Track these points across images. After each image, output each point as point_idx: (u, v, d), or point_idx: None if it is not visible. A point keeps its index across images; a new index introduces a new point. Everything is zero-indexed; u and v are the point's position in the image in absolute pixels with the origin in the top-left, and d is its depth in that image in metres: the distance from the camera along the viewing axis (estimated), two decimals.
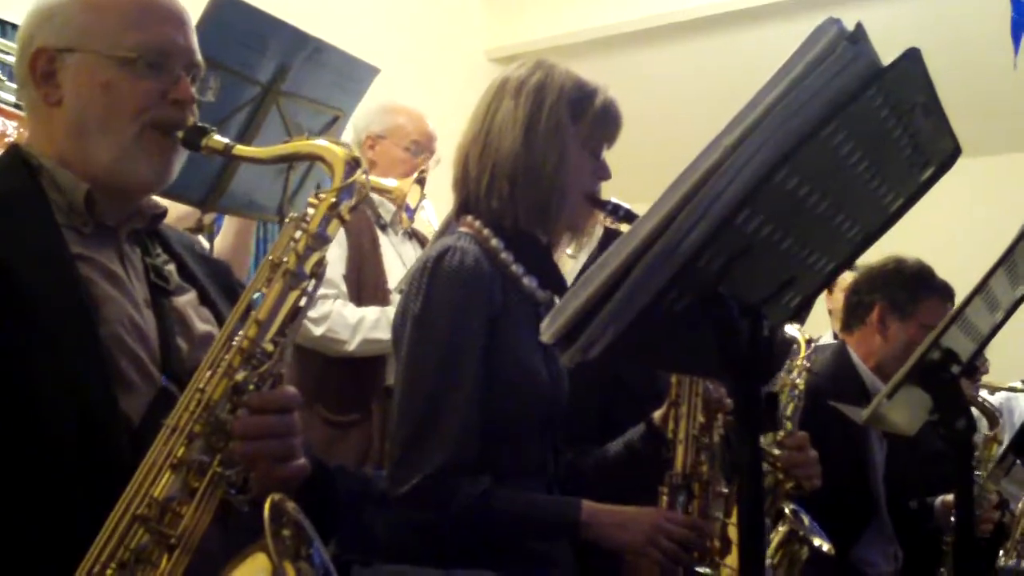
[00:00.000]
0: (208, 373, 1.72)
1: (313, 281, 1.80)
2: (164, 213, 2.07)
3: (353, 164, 1.85)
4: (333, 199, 1.82)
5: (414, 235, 4.41)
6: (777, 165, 1.36)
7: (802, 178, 1.46)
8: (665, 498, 2.52)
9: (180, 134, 1.92)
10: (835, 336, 5.05)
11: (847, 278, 4.63)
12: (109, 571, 1.60)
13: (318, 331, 4.02)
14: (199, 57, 2.01)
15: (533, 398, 2.53)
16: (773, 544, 2.86)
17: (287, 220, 1.82)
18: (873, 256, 4.13)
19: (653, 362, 1.92)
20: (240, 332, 1.74)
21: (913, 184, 1.73)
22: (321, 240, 1.80)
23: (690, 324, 1.53)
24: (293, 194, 3.00)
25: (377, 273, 4.14)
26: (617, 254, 1.36)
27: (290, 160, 1.98)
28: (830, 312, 6.11)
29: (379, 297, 4.08)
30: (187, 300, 2.02)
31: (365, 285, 4.13)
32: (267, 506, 1.57)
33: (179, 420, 1.69)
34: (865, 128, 1.51)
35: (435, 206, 4.28)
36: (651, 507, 2.48)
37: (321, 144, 1.89)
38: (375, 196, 4.26)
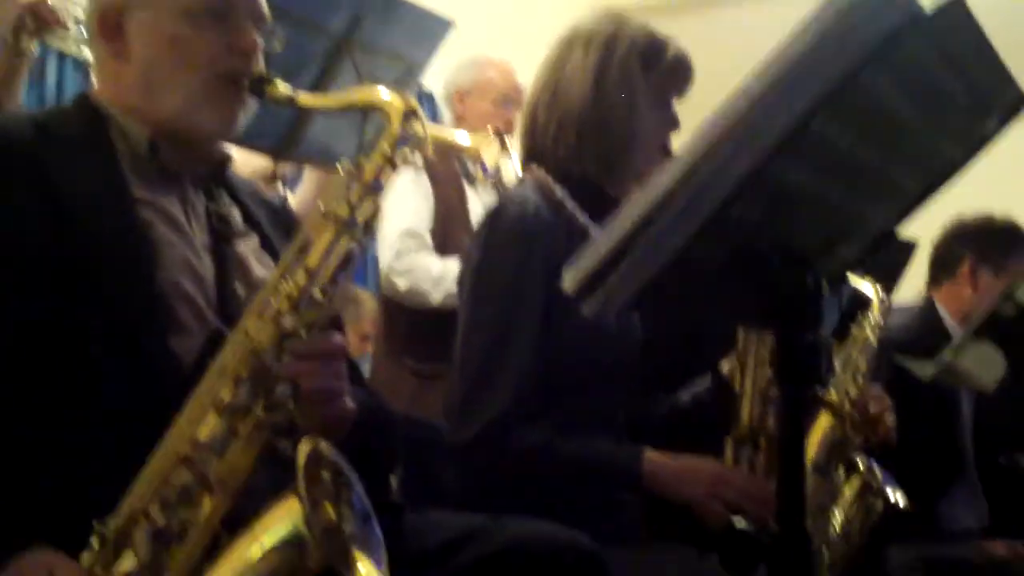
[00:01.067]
0: (255, 318, 1.74)
1: (367, 230, 1.81)
2: (229, 159, 2.10)
3: (410, 114, 1.86)
4: (387, 150, 1.83)
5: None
6: (812, 111, 1.33)
7: (846, 126, 1.43)
8: (730, 452, 2.49)
9: (245, 83, 1.95)
10: None
11: None
12: (152, 509, 1.63)
13: (403, 284, 4.05)
14: (264, 8, 2.03)
15: (599, 347, 2.51)
16: (847, 496, 2.82)
17: (341, 168, 1.83)
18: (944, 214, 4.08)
19: (691, 315, 1.90)
20: (289, 279, 1.76)
21: (976, 134, 1.68)
22: (374, 190, 1.81)
23: (730, 276, 1.52)
24: (370, 145, 3.00)
25: (464, 227, 4.13)
26: (641, 201, 1.34)
27: (350, 109, 1.99)
28: None
29: (465, 251, 4.08)
30: (249, 246, 2.05)
31: (451, 239, 4.14)
32: (301, 450, 1.59)
33: (225, 363, 1.71)
34: (913, 76, 1.47)
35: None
36: (714, 461, 2.45)
37: (379, 93, 1.90)
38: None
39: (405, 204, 4.16)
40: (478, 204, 4.23)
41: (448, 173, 4.21)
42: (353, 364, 2.19)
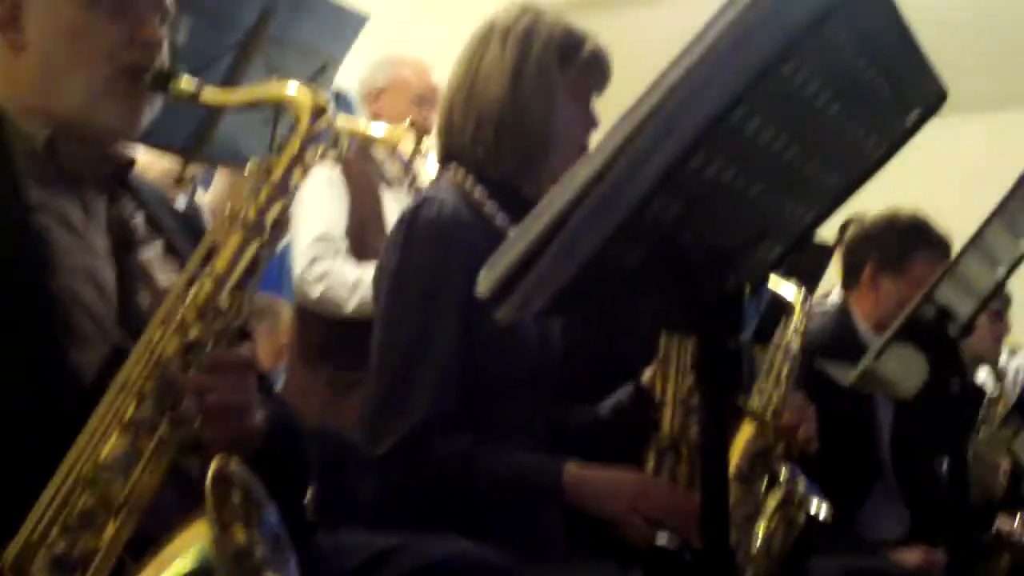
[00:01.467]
0: (160, 328, 1.65)
1: (276, 231, 1.73)
2: (132, 162, 2.00)
3: (319, 110, 1.78)
4: (296, 149, 1.75)
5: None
6: (730, 102, 1.26)
7: (764, 119, 1.37)
8: (651, 463, 2.43)
9: (148, 78, 1.85)
10: None
11: None
12: (52, 535, 1.53)
13: (316, 291, 3.96)
14: None
15: (518, 354, 2.44)
16: (769, 508, 2.77)
17: (247, 169, 1.75)
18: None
19: (611, 319, 1.83)
20: (195, 286, 1.67)
21: (897, 130, 1.63)
22: (283, 191, 1.73)
23: (649, 278, 1.45)
24: (281, 144, 2.90)
25: (379, 231, 4.04)
26: (555, 200, 1.27)
27: (256, 105, 1.90)
28: None
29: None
30: (153, 253, 1.95)
31: (367, 243, 4.05)
32: (210, 470, 1.50)
33: (128, 377, 1.62)
34: (832, 67, 1.41)
35: None
36: (636, 472, 2.38)
37: (287, 88, 1.81)
38: (380, 152, 4.19)
39: (318, 207, 4.07)
40: (394, 206, 4.13)
41: (363, 174, 4.13)
42: (263, 376, 2.11)
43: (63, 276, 1.75)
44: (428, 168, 4.09)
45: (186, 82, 1.84)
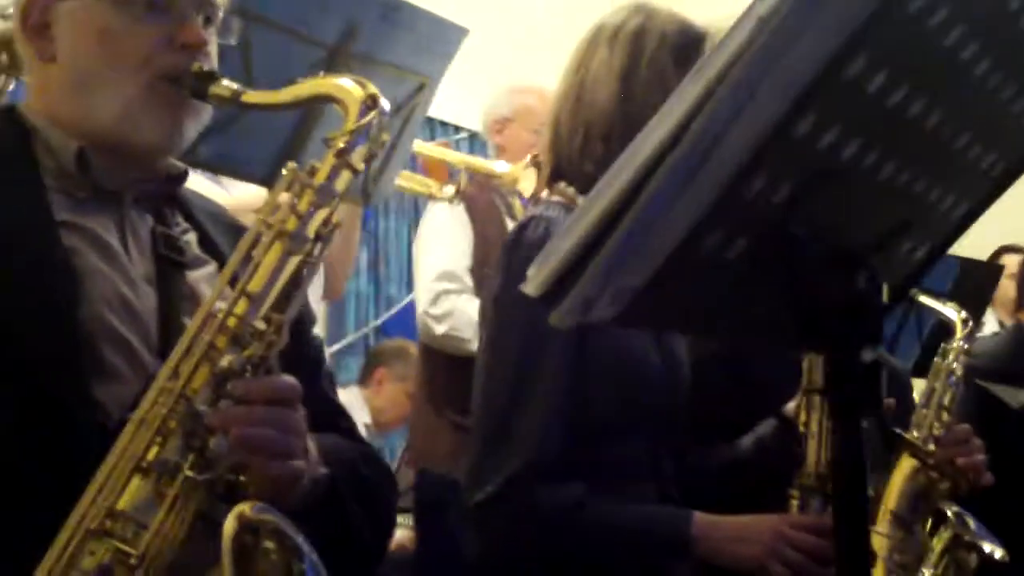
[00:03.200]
0: (185, 356, 1.44)
1: (319, 244, 1.51)
2: (183, 175, 1.81)
3: (370, 103, 1.54)
4: (341, 144, 1.52)
5: None
6: (842, 50, 1.00)
7: (892, 74, 1.10)
8: (795, 502, 2.14)
9: (187, 83, 1.66)
10: (1001, 326, 4.60)
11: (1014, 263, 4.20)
12: None
13: (440, 329, 3.81)
14: None
15: (639, 387, 2.18)
16: (936, 551, 2.46)
17: (284, 172, 1.53)
18: None
19: (701, 330, 1.54)
20: (224, 307, 1.46)
21: None
22: (328, 195, 1.51)
23: (756, 276, 1.19)
24: (379, 172, 2.70)
25: None
26: (621, 173, 1.01)
27: (303, 103, 1.67)
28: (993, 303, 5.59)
29: None
30: (203, 274, 1.74)
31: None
32: (229, 519, 1.28)
33: (147, 412, 1.41)
34: (986, 19, 1.14)
35: None
36: (775, 514, 2.10)
37: (335, 82, 1.59)
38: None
39: (441, 243, 3.95)
40: None
41: (487, 207, 3.95)
42: (339, 410, 1.89)
43: (91, 304, 1.56)
44: None
45: (224, 86, 1.65)
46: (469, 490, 2.07)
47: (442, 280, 3.85)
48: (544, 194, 2.37)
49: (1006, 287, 4.54)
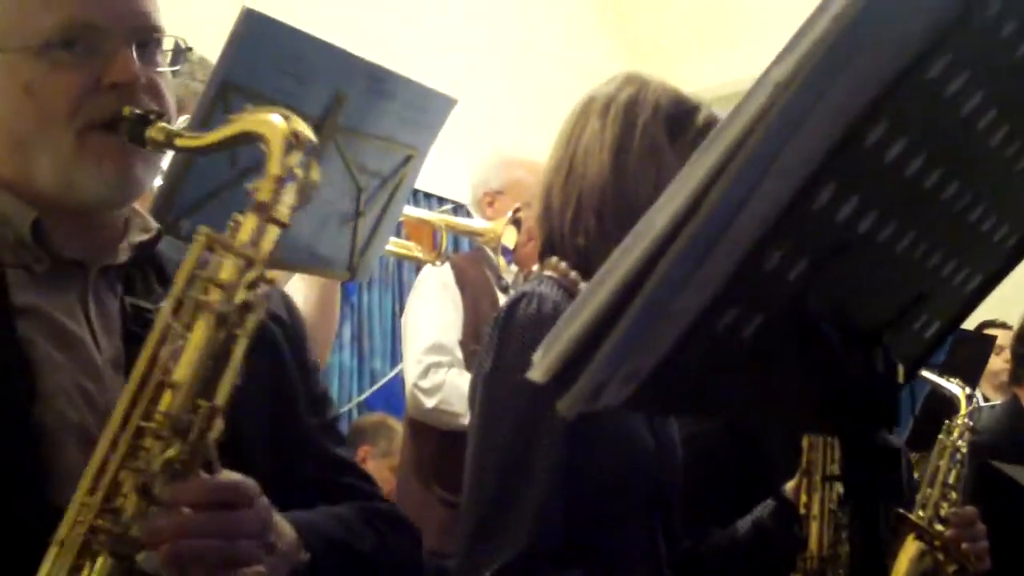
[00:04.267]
0: (102, 465, 1.31)
1: (249, 315, 1.34)
2: (156, 238, 1.66)
3: (295, 141, 1.38)
4: (265, 196, 1.35)
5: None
6: (861, 117, 0.94)
7: (910, 143, 1.04)
8: None
9: (123, 127, 1.50)
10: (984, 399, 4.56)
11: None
12: None
13: (430, 403, 3.72)
14: (148, 19, 1.58)
15: (634, 470, 2.10)
16: None
17: (198, 236, 1.36)
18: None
19: (715, 412, 1.46)
20: (142, 403, 1.32)
21: None
22: (253, 257, 1.34)
23: (770, 356, 1.12)
24: (364, 245, 2.62)
25: None
26: (627, 252, 0.94)
27: (231, 144, 1.47)
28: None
29: None
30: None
31: None
32: None
33: (68, 532, 1.28)
34: (998, 76, 1.09)
35: None
36: None
37: (260, 118, 1.41)
38: (492, 255, 3.95)
39: (430, 315, 3.87)
40: None
41: (478, 278, 3.89)
42: (352, 470, 1.79)
43: (49, 400, 1.44)
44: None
45: (160, 127, 1.49)
46: None
47: (432, 353, 3.78)
48: (535, 269, 2.31)
49: (992, 362, 4.51)
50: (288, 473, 1.59)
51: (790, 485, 2.23)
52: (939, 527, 2.37)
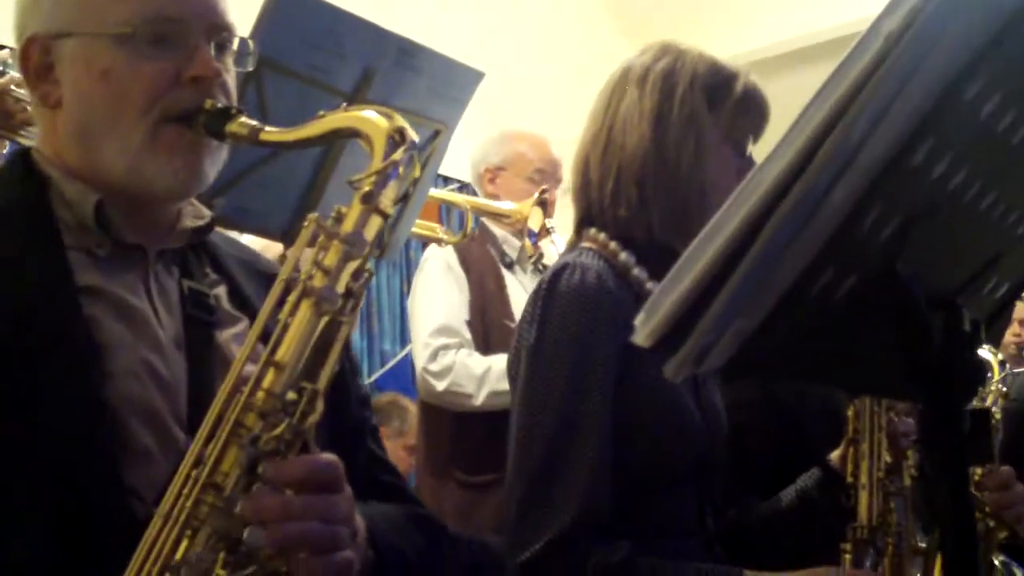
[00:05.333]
0: (209, 439, 1.31)
1: (351, 301, 1.37)
2: (210, 225, 1.68)
3: (398, 138, 1.42)
4: (368, 187, 1.39)
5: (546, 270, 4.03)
6: (965, 68, 0.92)
7: (1004, 98, 1.02)
8: (848, 556, 2.06)
9: (200, 120, 1.52)
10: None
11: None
12: None
13: (441, 386, 3.66)
14: (224, 17, 1.60)
15: (680, 442, 2.08)
16: None
17: (305, 223, 1.40)
18: None
19: (803, 377, 1.44)
20: (251, 379, 1.33)
21: None
22: (357, 244, 1.37)
23: (854, 319, 1.10)
24: (393, 223, 2.61)
25: (505, 316, 3.76)
26: (733, 212, 0.92)
27: (325, 140, 1.54)
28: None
29: (508, 343, 3.67)
30: (234, 333, 1.61)
31: (492, 331, 3.77)
32: None
33: (173, 504, 1.28)
34: None
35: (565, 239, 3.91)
36: (831, 567, 2.01)
37: (358, 115, 1.46)
38: (498, 231, 3.93)
39: (437, 297, 3.81)
40: (518, 289, 3.86)
41: (482, 258, 3.86)
42: (390, 469, 1.78)
43: (116, 378, 1.43)
44: (553, 248, 3.81)
45: (242, 123, 1.51)
46: (512, 551, 1.97)
47: (440, 335, 3.72)
48: (572, 242, 2.30)
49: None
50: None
51: (835, 454, 2.22)
52: (977, 493, 2.35)
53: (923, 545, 2.12)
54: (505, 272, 3.91)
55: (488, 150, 4.11)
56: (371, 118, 1.43)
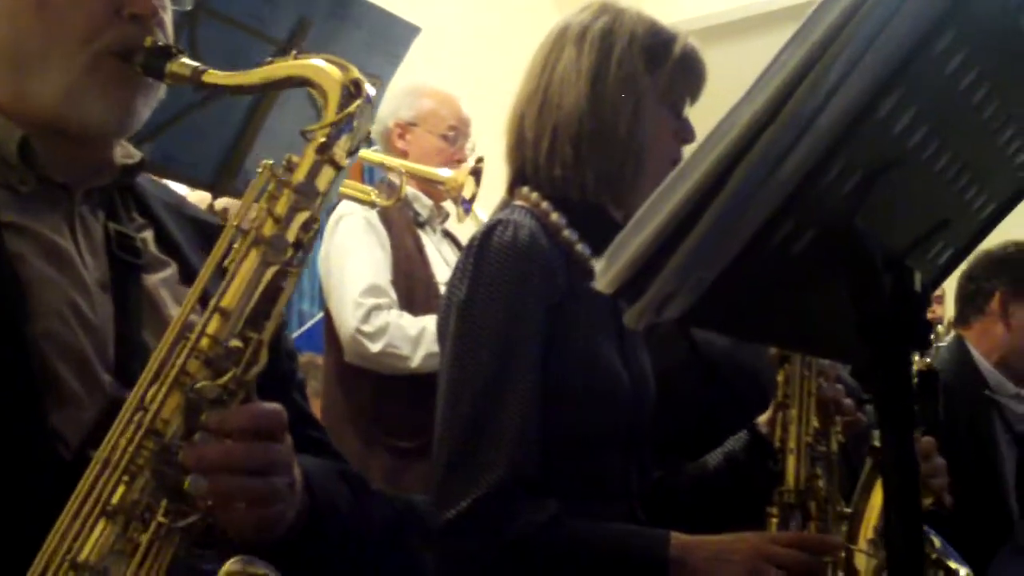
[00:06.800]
0: (153, 383, 1.28)
1: (299, 252, 1.34)
2: (139, 164, 1.61)
3: (353, 90, 1.40)
4: (323, 138, 1.37)
5: (449, 235, 4.00)
6: (940, 18, 0.91)
7: (969, 55, 1.02)
8: (775, 520, 2.06)
9: (139, 59, 1.46)
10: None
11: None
12: None
13: (376, 347, 3.58)
14: None
15: (608, 403, 2.08)
16: None
17: (259, 169, 1.37)
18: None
19: (756, 332, 1.43)
20: (197, 326, 1.30)
21: None
22: (309, 195, 1.35)
23: (809, 274, 1.10)
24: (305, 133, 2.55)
25: (426, 275, 3.73)
26: (700, 159, 0.91)
27: (273, 87, 1.51)
28: None
29: (431, 303, 3.61)
30: (162, 278, 1.56)
31: (415, 290, 3.72)
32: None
33: (113, 450, 1.25)
34: None
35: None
36: (755, 531, 2.01)
37: (312, 64, 1.43)
38: (410, 190, 3.84)
39: (359, 256, 3.71)
40: (431, 249, 3.84)
41: (400, 217, 3.79)
42: (316, 425, 1.75)
43: (41, 317, 1.38)
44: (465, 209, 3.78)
45: (184, 63, 1.46)
46: (439, 508, 1.94)
47: (370, 295, 3.62)
48: (502, 201, 2.28)
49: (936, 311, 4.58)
50: None
51: (763, 418, 2.22)
52: None
53: (848, 510, 2.13)
54: (420, 232, 3.88)
55: (397, 104, 4.00)
56: (325, 68, 1.41)
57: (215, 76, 1.48)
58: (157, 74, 1.48)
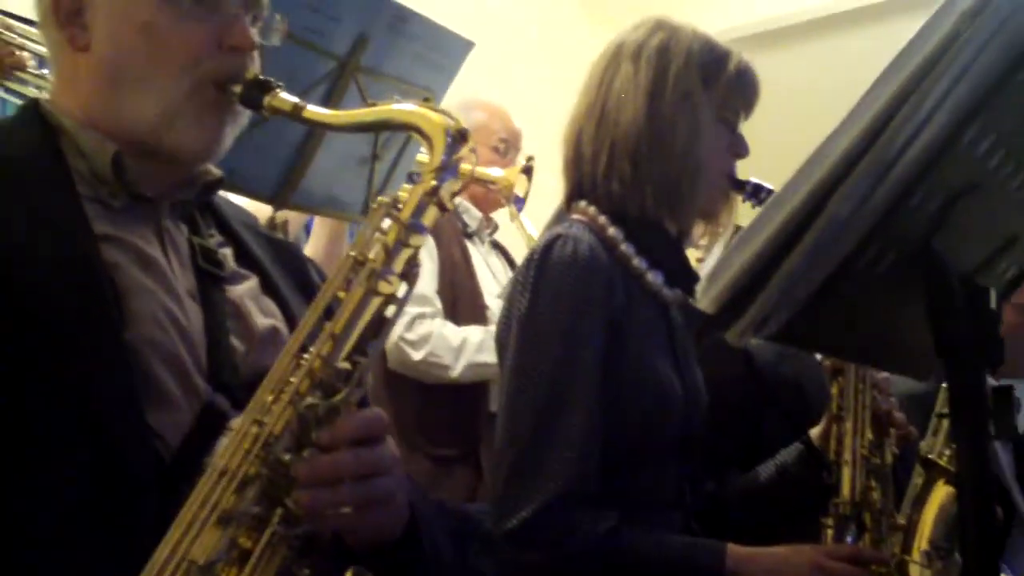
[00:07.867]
0: (270, 399, 1.32)
1: (404, 285, 1.40)
2: (219, 181, 1.67)
3: (458, 136, 1.45)
4: (432, 181, 1.42)
5: (498, 247, 4.02)
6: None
7: None
8: (830, 531, 2.08)
9: (237, 89, 1.52)
10: None
11: None
12: None
13: (418, 355, 3.57)
14: None
15: (664, 416, 2.10)
16: None
17: (374, 206, 1.42)
18: None
19: (838, 347, 1.46)
20: (312, 348, 1.34)
21: None
22: (415, 232, 1.41)
23: (891, 292, 1.13)
24: (380, 188, 2.60)
25: (472, 286, 3.72)
26: (798, 186, 0.94)
27: (374, 129, 1.56)
28: None
29: (476, 313, 3.64)
30: (245, 289, 1.61)
31: (460, 300, 3.70)
32: None
33: (231, 460, 1.28)
34: None
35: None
36: (810, 544, 2.03)
37: (413, 110, 1.47)
38: (459, 200, 3.86)
39: None
40: (479, 261, 3.84)
41: (448, 227, 3.79)
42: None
43: (139, 323, 1.42)
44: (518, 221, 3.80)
45: (284, 99, 1.52)
46: (499, 518, 1.97)
47: (415, 304, 3.61)
48: (558, 215, 2.31)
49: None
50: None
51: (816, 431, 2.24)
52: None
53: (903, 522, 2.15)
54: (467, 243, 3.87)
55: None
56: (429, 115, 1.46)
57: (315, 114, 1.53)
58: (255, 106, 1.53)
